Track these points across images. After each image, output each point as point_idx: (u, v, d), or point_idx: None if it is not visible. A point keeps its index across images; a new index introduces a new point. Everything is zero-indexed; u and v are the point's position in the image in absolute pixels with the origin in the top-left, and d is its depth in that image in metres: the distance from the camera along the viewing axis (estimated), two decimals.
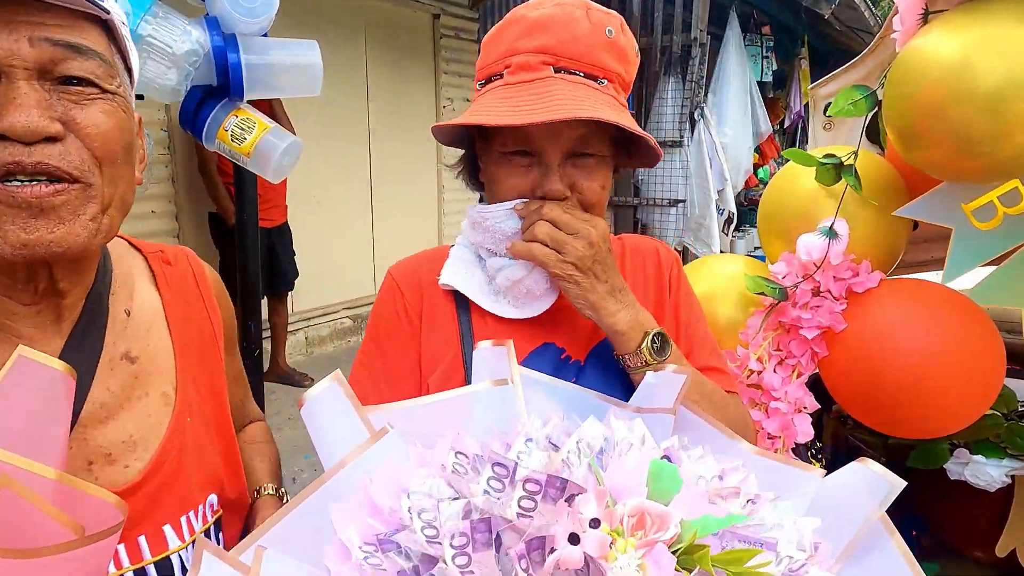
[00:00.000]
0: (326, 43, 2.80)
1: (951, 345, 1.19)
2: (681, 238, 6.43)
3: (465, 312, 0.99)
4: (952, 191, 1.20)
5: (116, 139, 0.70)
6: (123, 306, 0.82)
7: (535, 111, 0.84)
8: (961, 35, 1.05)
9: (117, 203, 0.72)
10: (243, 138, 2.17)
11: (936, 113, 1.04)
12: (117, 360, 0.79)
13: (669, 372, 0.80)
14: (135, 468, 0.76)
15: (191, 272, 0.92)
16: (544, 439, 0.67)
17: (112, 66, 0.70)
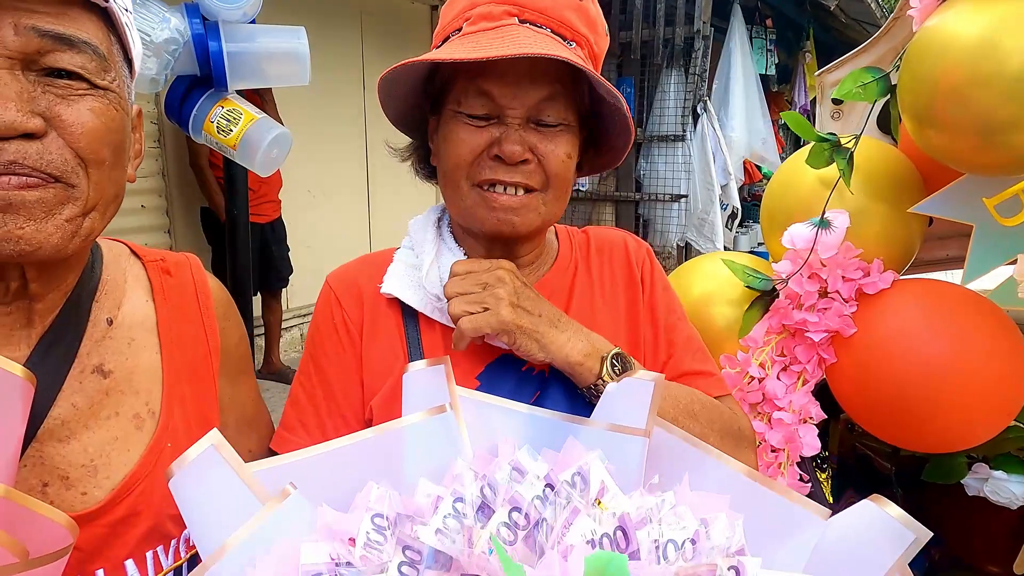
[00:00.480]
0: (321, 34, 2.72)
1: (971, 351, 1.09)
2: (684, 234, 6.34)
3: (413, 323, 0.90)
4: (973, 185, 1.11)
5: (104, 139, 0.65)
6: (107, 314, 0.77)
7: (497, 49, 0.74)
8: (985, 13, 0.96)
9: (102, 206, 0.67)
10: (229, 130, 2.09)
11: (957, 98, 0.95)
12: (88, 373, 0.73)
13: (635, 377, 0.71)
14: (94, 496, 0.70)
15: (192, 284, 0.86)
16: (477, 495, 0.58)
17: (106, 59, 0.65)
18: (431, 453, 0.65)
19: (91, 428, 0.72)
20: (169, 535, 0.74)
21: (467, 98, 0.81)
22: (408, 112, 0.91)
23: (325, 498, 0.60)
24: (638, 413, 0.68)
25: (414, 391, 0.71)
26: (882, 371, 1.13)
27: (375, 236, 5.76)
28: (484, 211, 0.84)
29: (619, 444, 0.67)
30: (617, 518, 0.57)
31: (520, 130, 0.81)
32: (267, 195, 4.23)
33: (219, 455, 0.59)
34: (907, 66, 1.04)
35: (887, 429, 1.19)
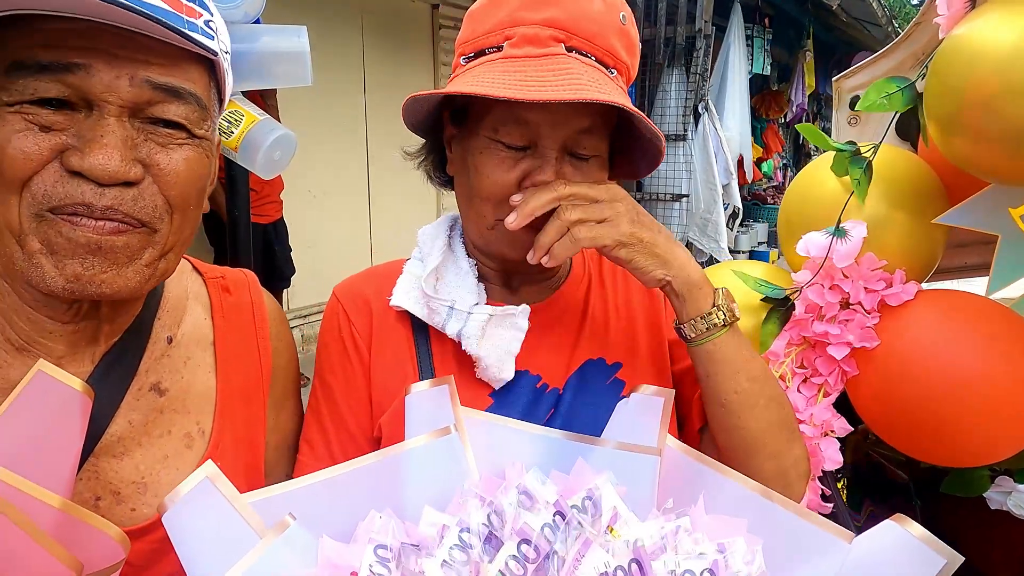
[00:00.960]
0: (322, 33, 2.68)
1: (997, 364, 1.07)
2: (685, 233, 6.33)
3: (423, 337, 0.87)
4: (999, 194, 1.09)
5: (194, 186, 0.68)
6: (167, 332, 0.78)
7: (551, 87, 0.71)
8: (1016, 22, 0.93)
9: (179, 247, 0.70)
10: (230, 131, 2.06)
11: (988, 108, 0.93)
12: (146, 391, 0.75)
13: (647, 393, 0.70)
14: (142, 513, 0.72)
15: (250, 303, 0.86)
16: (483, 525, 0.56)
17: (207, 109, 0.68)
18: (435, 477, 0.63)
19: (144, 446, 0.73)
20: None
21: (505, 126, 0.78)
22: (424, 116, 0.88)
23: (326, 527, 0.59)
24: (649, 431, 0.67)
25: (417, 413, 0.70)
26: (905, 384, 1.11)
27: (376, 236, 5.74)
28: (508, 243, 0.81)
29: (631, 463, 0.65)
30: (631, 549, 0.55)
31: (556, 164, 0.78)
32: (269, 195, 4.22)
33: (214, 487, 0.58)
34: (935, 75, 1.01)
35: (910, 442, 1.17)
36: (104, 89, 0.60)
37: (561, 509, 0.58)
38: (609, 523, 0.59)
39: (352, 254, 5.57)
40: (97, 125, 0.60)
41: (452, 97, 0.82)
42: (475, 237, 0.87)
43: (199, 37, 0.62)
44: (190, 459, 0.76)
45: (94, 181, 0.60)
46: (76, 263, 0.61)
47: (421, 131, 0.91)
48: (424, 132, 0.92)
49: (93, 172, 0.59)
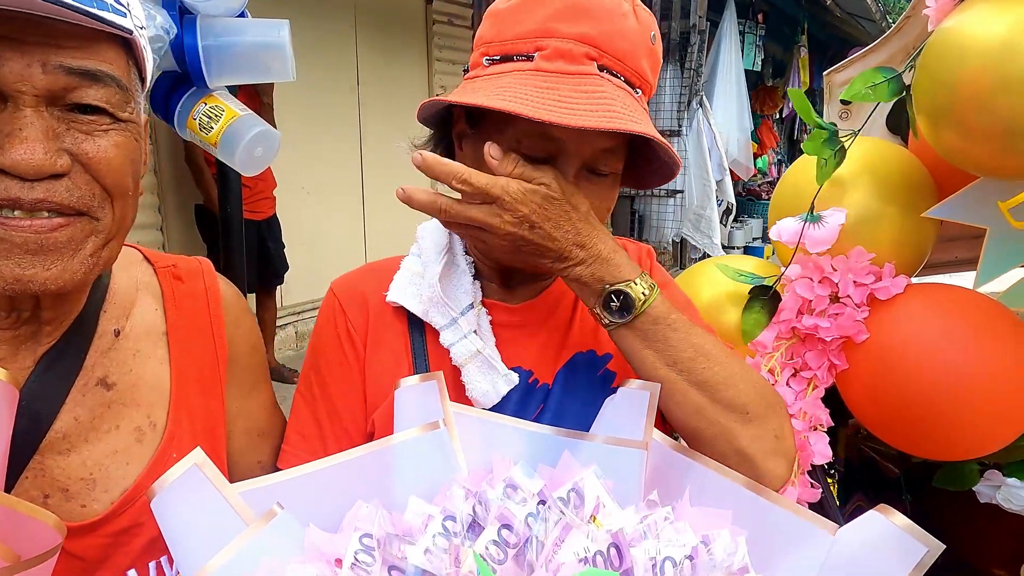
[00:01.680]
0: (314, 29, 2.67)
1: (986, 357, 1.07)
2: (679, 229, 6.34)
3: (419, 332, 0.87)
4: (987, 188, 1.09)
5: (128, 171, 0.66)
6: (114, 324, 0.77)
7: (585, 111, 0.71)
8: (1006, 13, 0.93)
9: (121, 234, 0.69)
10: (210, 127, 2.05)
11: (979, 103, 0.93)
12: (91, 385, 0.73)
13: (632, 388, 0.70)
14: (93, 509, 0.71)
15: (204, 290, 0.85)
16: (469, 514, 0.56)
17: (129, 90, 0.65)
18: (424, 471, 0.64)
19: (91, 442, 0.72)
20: None
21: (530, 140, 0.76)
22: (435, 108, 0.86)
23: (315, 518, 0.59)
24: (636, 425, 0.67)
25: (407, 407, 0.70)
26: (895, 377, 1.12)
27: (370, 233, 5.72)
28: (512, 254, 0.80)
29: (617, 457, 0.66)
30: (610, 535, 0.55)
31: (575, 181, 0.78)
32: (263, 192, 4.21)
33: (202, 474, 0.58)
34: (924, 68, 1.01)
35: (899, 436, 1.18)
36: (16, 79, 0.57)
37: (544, 498, 0.59)
38: (592, 513, 0.59)
39: (346, 251, 5.56)
40: (13, 118, 0.58)
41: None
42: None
43: (110, 16, 0.60)
44: (141, 453, 0.75)
45: (19, 177, 0.58)
46: (13, 264, 0.59)
47: (430, 123, 0.90)
48: (433, 123, 0.90)
49: (17, 168, 0.57)
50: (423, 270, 0.88)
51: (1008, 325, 1.10)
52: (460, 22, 6.25)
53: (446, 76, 6.15)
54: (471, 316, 0.85)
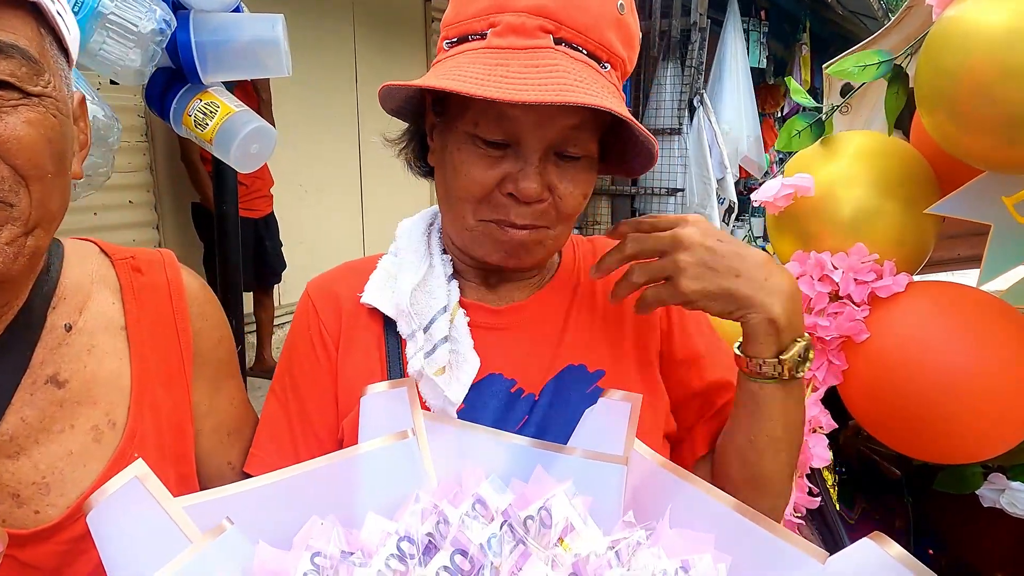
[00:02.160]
0: (312, 26, 2.65)
1: (990, 358, 1.04)
2: None
3: (394, 336, 0.82)
4: (992, 183, 1.06)
5: (44, 151, 0.60)
6: (65, 319, 0.73)
7: (535, 87, 0.66)
8: (1009, 1, 0.90)
9: (47, 222, 0.63)
10: (205, 124, 2.03)
11: (983, 93, 0.90)
12: (40, 384, 0.69)
13: (616, 398, 0.66)
14: (47, 514, 0.67)
15: (166, 282, 0.81)
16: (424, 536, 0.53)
17: (39, 62, 0.60)
18: (390, 483, 0.61)
19: (42, 443, 0.68)
20: None
21: (486, 121, 0.72)
22: (405, 102, 0.83)
23: (271, 534, 0.56)
24: (617, 438, 0.64)
25: (374, 415, 0.66)
26: (896, 378, 1.09)
27: (368, 231, 5.70)
28: (490, 245, 0.77)
29: (596, 473, 0.63)
30: (571, 564, 0.52)
31: (540, 165, 0.73)
32: (260, 190, 4.18)
33: (143, 488, 0.55)
34: (926, 58, 0.98)
35: (901, 439, 1.15)
36: None
37: (508, 519, 0.55)
38: (560, 535, 0.56)
39: (344, 249, 5.53)
40: None
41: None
42: (454, 236, 0.83)
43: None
44: (100, 453, 0.71)
45: None
46: None
47: (403, 116, 0.86)
48: (407, 117, 0.87)
49: None
50: (397, 272, 0.84)
51: (1013, 324, 1.07)
52: None
53: None
54: (443, 320, 0.80)
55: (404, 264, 0.84)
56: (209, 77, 2.02)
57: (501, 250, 0.77)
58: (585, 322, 0.86)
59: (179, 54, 1.93)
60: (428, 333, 0.79)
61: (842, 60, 1.13)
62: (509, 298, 0.86)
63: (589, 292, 0.88)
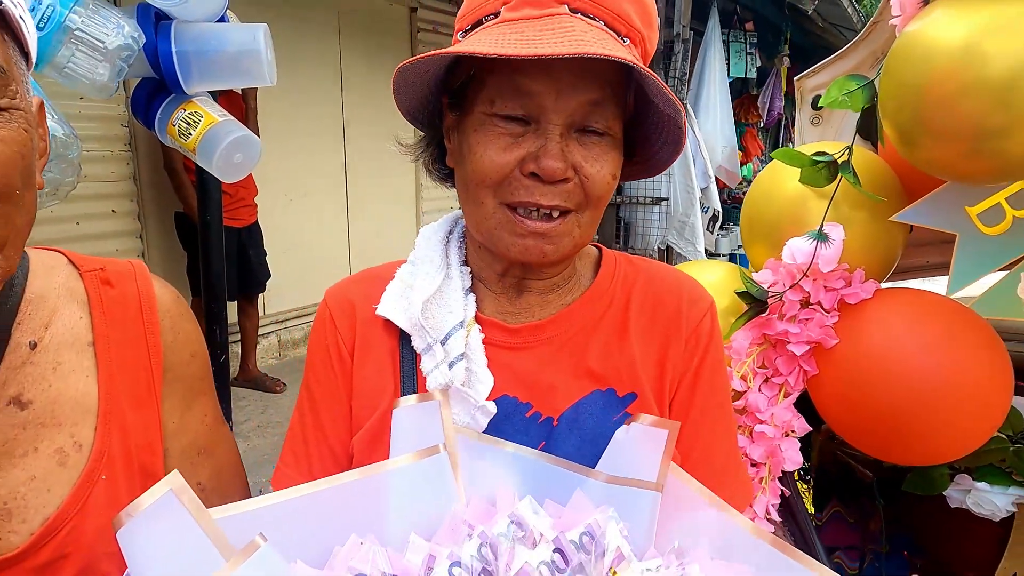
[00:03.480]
0: (299, 35, 2.66)
1: (955, 363, 1.07)
2: (665, 237, 6.35)
3: (409, 349, 0.78)
4: (955, 193, 1.09)
5: (13, 166, 0.58)
6: (29, 337, 0.69)
7: (551, 43, 0.63)
8: (966, 17, 0.94)
9: (15, 238, 0.61)
10: (189, 133, 2.04)
11: (944, 107, 0.93)
12: (2, 406, 0.67)
13: (645, 424, 0.63)
14: (10, 541, 0.65)
15: (136, 295, 0.77)
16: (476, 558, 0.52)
17: (6, 72, 0.57)
18: (420, 500, 0.59)
19: (4, 468, 0.66)
20: (104, 574, 0.68)
21: (502, 97, 0.69)
22: (421, 104, 0.80)
23: (299, 550, 0.55)
24: (650, 464, 0.62)
25: (404, 429, 0.64)
26: (865, 383, 1.11)
27: (354, 240, 5.69)
28: (511, 236, 0.72)
29: (628, 499, 0.61)
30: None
31: (561, 141, 0.69)
32: (244, 199, 4.17)
33: (178, 501, 0.52)
34: (889, 73, 1.01)
35: (870, 442, 1.17)
36: None
37: (561, 546, 0.54)
38: (612, 565, 0.55)
39: (330, 258, 5.52)
40: None
41: (449, 81, 0.75)
42: (476, 231, 0.78)
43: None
44: (64, 477, 0.68)
45: None
46: None
47: (420, 123, 0.84)
48: (423, 124, 0.84)
49: None
50: (413, 282, 0.81)
51: (977, 331, 1.10)
52: (444, 30, 6.26)
53: None
54: (459, 336, 0.76)
55: (420, 273, 0.81)
56: (192, 87, 2.03)
57: (523, 242, 0.72)
58: (614, 345, 0.80)
59: (160, 64, 1.94)
60: (446, 348, 0.75)
61: (829, 90, 1.16)
62: (529, 314, 0.81)
63: (621, 315, 0.82)
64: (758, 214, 1.32)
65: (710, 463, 0.79)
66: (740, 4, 7.89)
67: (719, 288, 1.33)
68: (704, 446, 0.80)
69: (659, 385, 0.79)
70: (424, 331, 0.76)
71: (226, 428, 0.88)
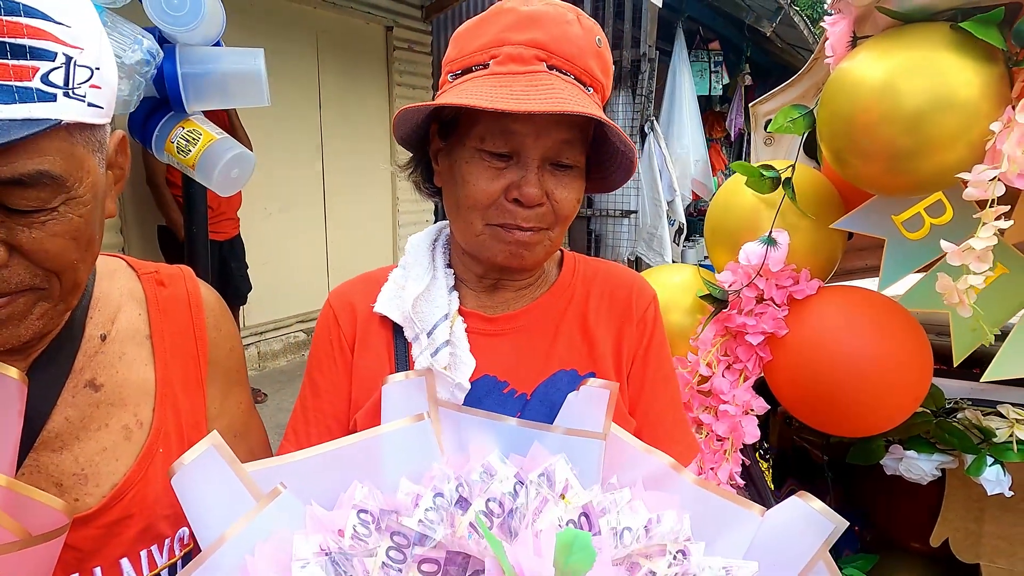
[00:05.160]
0: (278, 53, 2.76)
1: (884, 349, 1.26)
2: (634, 248, 6.58)
3: (402, 339, 0.93)
4: (883, 204, 1.28)
5: (70, 249, 0.65)
6: (100, 330, 0.80)
7: (538, 100, 0.77)
8: (887, 59, 1.12)
9: (76, 289, 0.70)
10: (188, 150, 2.14)
11: (866, 132, 1.11)
12: (80, 387, 0.77)
13: (594, 386, 0.77)
14: (85, 502, 0.75)
15: (186, 294, 0.88)
16: (454, 492, 0.65)
17: (67, 177, 0.62)
18: (409, 458, 0.71)
19: (82, 439, 0.76)
20: (163, 535, 0.79)
21: (491, 136, 0.83)
22: (412, 131, 0.93)
23: (312, 496, 0.67)
24: (596, 419, 0.76)
25: (393, 401, 0.76)
26: (810, 366, 1.29)
27: (332, 253, 5.77)
28: (497, 245, 0.86)
29: (579, 447, 0.73)
30: (581, 506, 0.65)
31: (538, 172, 0.83)
32: (226, 213, 4.22)
33: (218, 455, 0.64)
34: (824, 104, 1.20)
35: (815, 417, 1.35)
36: None
37: (521, 479, 0.68)
38: (562, 492, 0.68)
39: (309, 271, 5.60)
40: None
41: (440, 111, 0.88)
42: (464, 243, 0.92)
43: (34, 109, 0.57)
44: (129, 449, 0.78)
45: None
46: None
47: (410, 145, 0.97)
48: (413, 146, 0.96)
49: None
50: (404, 283, 0.96)
51: (902, 320, 1.29)
52: (420, 48, 6.42)
53: (406, 100, 6.29)
54: (444, 326, 0.89)
55: (410, 276, 0.95)
56: (193, 106, 2.13)
57: (507, 250, 0.86)
58: (577, 332, 0.95)
59: (166, 84, 2.04)
60: (431, 337, 0.89)
61: (776, 117, 1.35)
62: (505, 307, 0.95)
63: (582, 307, 0.97)
64: (719, 222, 1.50)
65: (663, 423, 0.96)
66: (703, 25, 8.22)
67: (685, 287, 1.51)
68: (657, 412, 0.96)
69: (617, 362, 0.94)
70: (413, 323, 0.90)
71: (257, 415, 0.99)
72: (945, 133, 1.07)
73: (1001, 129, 1.03)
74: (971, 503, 1.58)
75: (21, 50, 0.57)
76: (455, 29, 0.92)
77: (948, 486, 1.59)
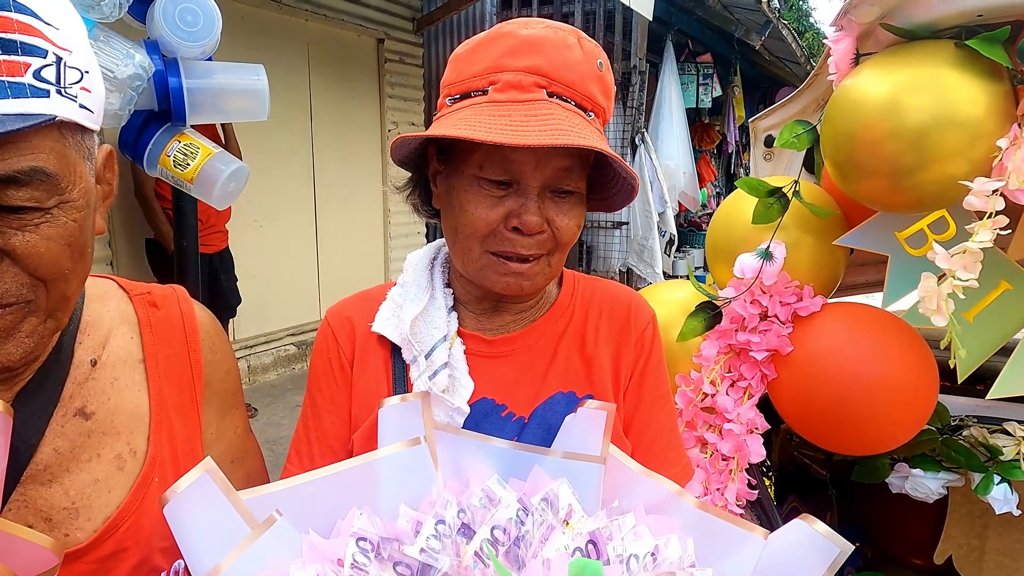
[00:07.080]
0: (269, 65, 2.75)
1: (889, 366, 1.25)
2: (625, 260, 6.59)
3: (399, 359, 0.91)
4: (886, 220, 1.28)
5: (64, 255, 0.63)
6: (90, 355, 0.76)
7: (536, 132, 0.76)
8: (891, 76, 1.13)
9: (65, 303, 0.67)
10: (186, 164, 2.12)
11: (870, 149, 1.11)
12: (70, 416, 0.74)
13: (590, 408, 0.75)
14: (76, 537, 0.71)
15: (180, 316, 0.85)
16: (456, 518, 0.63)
17: (60, 175, 0.61)
18: (406, 482, 0.69)
19: (72, 471, 0.72)
20: (158, 568, 0.76)
21: (490, 164, 0.81)
22: (410, 153, 0.92)
23: (308, 524, 0.65)
24: (594, 441, 0.74)
25: (390, 425, 0.74)
26: (815, 384, 1.28)
27: (323, 266, 5.74)
28: (495, 275, 0.85)
29: (578, 471, 0.72)
30: (588, 533, 0.63)
31: (538, 200, 0.82)
32: (215, 225, 4.20)
33: (212, 482, 0.62)
34: (827, 120, 1.20)
35: (820, 435, 1.34)
36: None
37: (525, 505, 0.66)
38: (565, 517, 0.67)
39: (299, 284, 5.56)
40: None
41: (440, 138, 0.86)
42: (462, 269, 0.91)
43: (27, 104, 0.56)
44: (123, 480, 0.75)
45: None
46: None
47: (407, 166, 0.94)
48: (410, 167, 0.95)
49: None
50: (403, 302, 0.94)
51: (907, 338, 1.28)
52: (411, 60, 6.43)
53: (398, 112, 6.30)
54: (443, 348, 0.88)
55: (408, 295, 0.94)
56: (193, 120, 2.12)
57: (505, 280, 0.85)
58: (575, 353, 0.94)
59: (170, 97, 2.02)
60: (430, 360, 0.88)
61: (781, 133, 1.35)
62: (504, 329, 0.94)
63: (580, 327, 0.95)
64: (721, 239, 1.49)
65: (658, 444, 0.94)
66: (692, 38, 8.29)
67: (687, 304, 1.50)
68: (653, 432, 0.94)
69: (615, 380, 0.93)
70: (412, 345, 0.89)
71: (254, 439, 0.96)
72: (949, 150, 1.07)
73: (1008, 146, 1.03)
74: (974, 520, 1.57)
75: (12, 45, 0.56)
76: (446, 41, 0.90)
77: (951, 503, 1.58)
